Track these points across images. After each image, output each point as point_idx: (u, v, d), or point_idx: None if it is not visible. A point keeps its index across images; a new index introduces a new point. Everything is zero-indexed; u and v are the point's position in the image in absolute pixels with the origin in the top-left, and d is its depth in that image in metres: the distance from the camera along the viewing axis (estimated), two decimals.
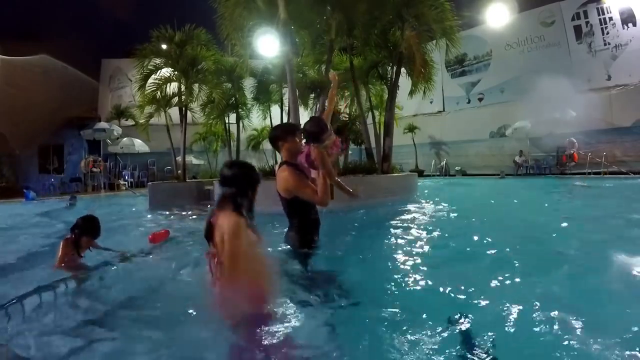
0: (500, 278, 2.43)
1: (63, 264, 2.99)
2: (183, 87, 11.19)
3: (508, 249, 3.20)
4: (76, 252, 3.04)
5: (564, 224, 4.57)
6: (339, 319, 1.91)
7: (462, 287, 2.28)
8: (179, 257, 3.45)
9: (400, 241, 3.82)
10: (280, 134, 2.60)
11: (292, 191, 2.48)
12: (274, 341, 1.59)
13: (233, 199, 1.72)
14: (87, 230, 3.06)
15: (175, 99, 11.77)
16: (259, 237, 1.79)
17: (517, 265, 2.72)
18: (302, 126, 2.67)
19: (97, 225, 3.12)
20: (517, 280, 2.40)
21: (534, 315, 1.87)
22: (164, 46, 11.26)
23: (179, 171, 11.64)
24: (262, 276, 1.75)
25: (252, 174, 1.86)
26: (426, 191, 8.31)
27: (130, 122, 17.28)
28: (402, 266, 2.90)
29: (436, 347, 1.64)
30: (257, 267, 1.73)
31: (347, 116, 10.81)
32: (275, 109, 12.82)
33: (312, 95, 10.36)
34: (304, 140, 2.60)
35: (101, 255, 3.27)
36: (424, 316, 1.95)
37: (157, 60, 11.25)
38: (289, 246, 2.70)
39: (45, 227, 6.28)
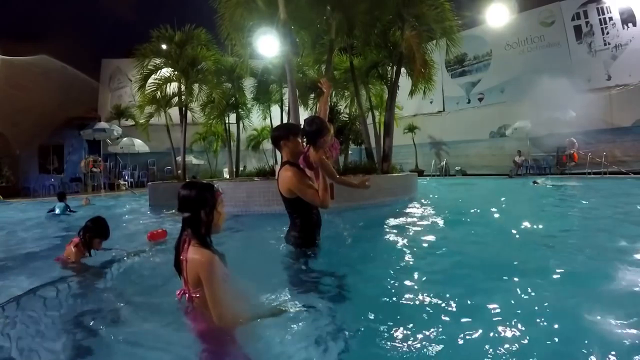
0: (497, 280, 2.43)
1: (69, 264, 3.01)
2: (183, 87, 11.21)
3: (506, 250, 3.21)
4: (88, 252, 3.11)
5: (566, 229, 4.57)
6: (337, 319, 1.91)
7: (461, 289, 2.28)
8: None
9: (400, 242, 3.81)
10: (283, 134, 2.61)
11: (293, 191, 2.49)
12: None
13: (191, 226, 1.60)
14: (98, 232, 3.13)
15: (175, 99, 11.79)
16: (225, 267, 1.65)
17: (515, 269, 2.72)
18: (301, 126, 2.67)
19: (106, 227, 3.19)
20: (514, 285, 2.40)
21: (530, 320, 1.86)
22: (164, 46, 11.27)
23: (179, 171, 11.66)
24: (234, 314, 1.64)
25: (205, 194, 1.64)
26: (432, 196, 8.36)
27: (130, 122, 17.30)
28: (401, 267, 2.90)
29: (435, 347, 1.64)
30: (230, 304, 1.61)
31: (347, 116, 10.82)
32: (275, 109, 12.84)
33: (312, 95, 10.37)
34: (304, 141, 2.61)
35: (101, 255, 3.28)
36: (423, 316, 1.95)
37: (157, 60, 11.26)
38: (290, 246, 2.70)
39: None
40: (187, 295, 1.57)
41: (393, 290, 2.38)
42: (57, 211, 7.25)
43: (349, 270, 2.67)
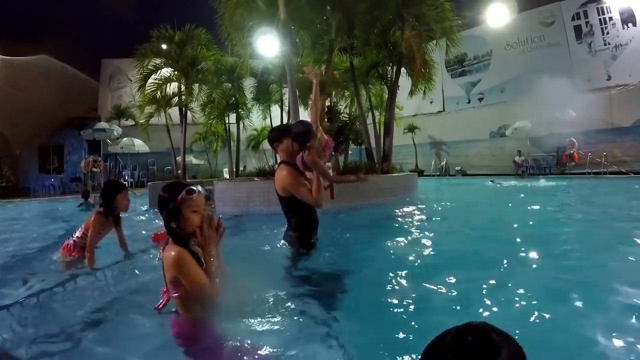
0: (497, 280, 2.43)
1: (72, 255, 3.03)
2: (183, 87, 11.21)
3: (504, 251, 3.20)
4: (111, 216, 3.11)
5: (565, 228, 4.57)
6: (336, 319, 1.91)
7: (461, 289, 2.28)
8: None
9: (399, 242, 3.81)
10: (276, 136, 2.65)
11: (288, 190, 2.51)
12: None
13: (166, 227, 1.55)
14: (116, 185, 3.23)
15: (175, 99, 11.79)
16: (210, 273, 1.56)
17: (512, 268, 2.72)
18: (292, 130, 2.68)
19: (112, 181, 3.40)
20: (515, 284, 2.40)
21: (532, 321, 1.87)
22: (164, 46, 11.27)
23: (179, 171, 11.66)
24: (209, 310, 1.61)
25: (165, 197, 1.56)
26: (432, 196, 8.41)
27: (130, 122, 17.29)
28: (400, 267, 2.89)
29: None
30: (204, 302, 1.57)
31: (347, 116, 10.82)
32: (275, 109, 12.84)
33: (312, 95, 10.36)
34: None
35: (102, 256, 3.28)
36: (422, 317, 1.95)
37: (157, 60, 11.26)
38: (288, 245, 2.71)
39: None
40: (167, 293, 1.55)
41: (391, 291, 2.38)
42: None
43: (347, 270, 2.67)
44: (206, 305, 1.57)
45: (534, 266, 2.80)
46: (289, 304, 2.07)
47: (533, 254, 3.06)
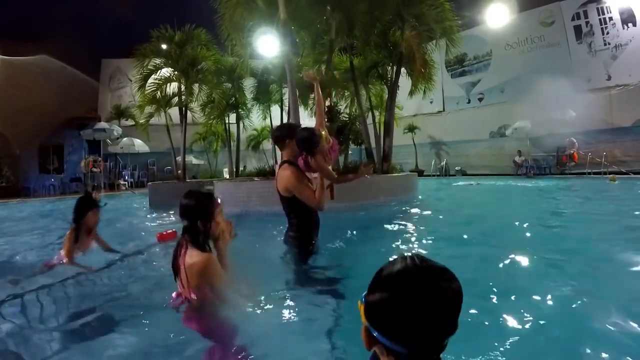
0: (497, 279, 2.43)
1: (68, 257, 2.95)
2: (183, 87, 11.20)
3: (504, 249, 3.20)
4: (81, 236, 3.02)
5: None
6: (336, 319, 1.91)
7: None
8: None
9: (399, 242, 3.82)
10: (286, 133, 2.62)
11: (291, 190, 2.49)
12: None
13: (189, 234, 1.66)
14: (85, 204, 3.10)
15: (175, 99, 11.78)
16: (226, 268, 1.71)
17: (515, 267, 2.72)
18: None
19: (90, 199, 3.17)
20: (514, 284, 2.40)
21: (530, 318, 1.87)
22: (164, 46, 11.27)
23: (179, 171, 11.66)
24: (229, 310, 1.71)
25: (202, 204, 1.71)
26: (432, 196, 8.40)
27: (130, 122, 17.29)
28: None
29: None
30: (226, 302, 1.68)
31: (347, 116, 10.81)
32: (275, 109, 12.83)
33: (312, 95, 10.35)
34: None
35: (103, 256, 3.28)
36: None
37: (157, 60, 11.25)
38: (288, 246, 2.70)
39: None
40: (183, 297, 1.60)
41: None
42: None
43: (347, 270, 2.67)
44: (224, 301, 1.67)
45: (533, 264, 2.80)
46: (287, 304, 2.07)
47: (531, 252, 3.06)
